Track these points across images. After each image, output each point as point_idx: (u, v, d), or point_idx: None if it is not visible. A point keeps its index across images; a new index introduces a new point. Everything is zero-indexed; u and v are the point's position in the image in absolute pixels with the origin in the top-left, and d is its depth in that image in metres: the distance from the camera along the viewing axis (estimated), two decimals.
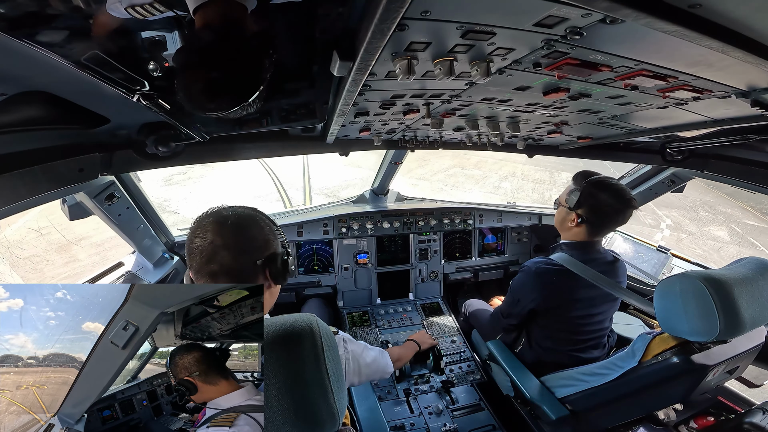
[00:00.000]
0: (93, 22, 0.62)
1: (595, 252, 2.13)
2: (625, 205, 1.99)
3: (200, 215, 1.19)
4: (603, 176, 2.09)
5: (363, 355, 1.55)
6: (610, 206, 2.00)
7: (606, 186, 2.03)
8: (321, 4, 0.72)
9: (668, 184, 2.65)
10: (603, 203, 2.00)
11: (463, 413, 2.42)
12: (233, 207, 1.23)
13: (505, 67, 0.98)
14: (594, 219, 2.06)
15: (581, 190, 2.05)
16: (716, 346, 1.59)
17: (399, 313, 3.37)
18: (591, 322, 2.11)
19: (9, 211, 1.24)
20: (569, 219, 2.13)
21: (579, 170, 2.21)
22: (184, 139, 1.48)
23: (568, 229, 2.18)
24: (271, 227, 1.26)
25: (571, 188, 2.15)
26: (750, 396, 2.06)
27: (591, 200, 2.03)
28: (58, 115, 1.07)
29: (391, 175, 3.38)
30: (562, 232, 2.24)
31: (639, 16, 0.56)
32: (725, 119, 1.35)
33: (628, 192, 2.02)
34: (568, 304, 2.06)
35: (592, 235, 2.11)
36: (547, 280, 2.05)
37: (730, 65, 0.83)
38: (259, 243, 1.18)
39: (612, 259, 2.17)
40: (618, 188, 2.02)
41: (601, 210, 2.02)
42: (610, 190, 2.01)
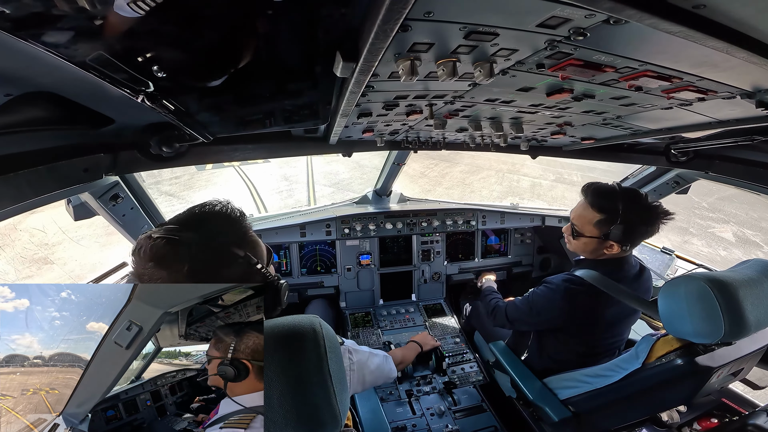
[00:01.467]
0: (98, 23, 0.62)
1: (628, 266, 1.99)
2: (657, 218, 1.84)
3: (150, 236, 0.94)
4: (636, 192, 1.89)
5: (367, 363, 1.54)
6: (645, 226, 1.84)
7: (643, 207, 1.83)
8: (324, 5, 0.72)
9: (673, 186, 2.64)
10: (640, 223, 1.84)
11: (465, 414, 2.42)
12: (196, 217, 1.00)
13: (508, 68, 0.98)
14: (629, 240, 1.89)
15: (625, 224, 1.82)
16: (721, 348, 1.58)
17: (401, 314, 3.37)
18: (612, 333, 2.08)
19: (14, 211, 1.25)
20: (604, 247, 1.91)
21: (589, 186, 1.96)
22: (188, 139, 1.49)
23: (600, 255, 1.98)
24: (255, 246, 1.05)
25: (602, 218, 1.88)
26: (754, 398, 2.04)
27: (627, 224, 1.82)
28: (63, 116, 1.08)
29: (394, 176, 3.39)
30: (594, 257, 2.02)
31: (643, 17, 0.55)
32: (730, 120, 1.34)
33: (660, 206, 1.86)
34: (594, 321, 1.99)
35: (625, 251, 1.94)
36: (576, 301, 1.93)
37: (734, 66, 0.83)
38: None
39: (638, 268, 2.05)
40: (651, 206, 1.84)
41: (638, 231, 1.86)
42: (648, 212, 1.83)
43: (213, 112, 1.22)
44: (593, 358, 2.06)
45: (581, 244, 2.00)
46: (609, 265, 1.95)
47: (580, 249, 2.05)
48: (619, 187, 1.92)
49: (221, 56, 0.84)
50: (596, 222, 1.90)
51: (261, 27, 0.75)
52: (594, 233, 1.91)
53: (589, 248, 1.98)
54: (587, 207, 1.94)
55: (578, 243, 2.02)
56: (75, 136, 1.31)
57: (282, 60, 0.93)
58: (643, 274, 2.05)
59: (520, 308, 2.20)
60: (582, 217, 1.96)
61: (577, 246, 2.04)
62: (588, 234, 1.94)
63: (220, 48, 0.80)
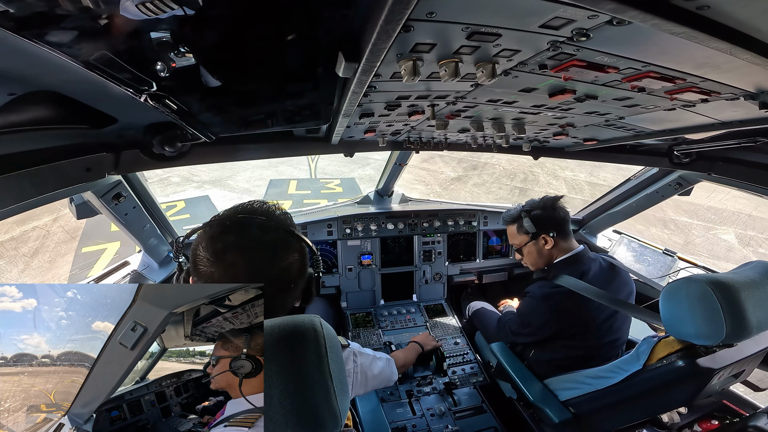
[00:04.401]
0: (102, 23, 0.63)
1: (587, 261, 2.19)
2: (557, 199, 2.30)
3: (213, 224, 0.98)
4: (534, 200, 2.36)
5: (371, 367, 1.53)
6: (560, 208, 2.25)
7: (541, 200, 2.31)
8: (326, 6, 0.72)
9: (675, 187, 2.64)
10: (557, 209, 2.26)
11: (465, 415, 2.42)
12: (250, 214, 1.00)
13: (510, 69, 0.98)
14: (558, 227, 2.21)
15: (529, 216, 2.25)
16: (722, 350, 1.58)
17: (402, 314, 3.36)
18: (609, 332, 2.10)
19: (17, 210, 1.25)
20: (542, 244, 2.25)
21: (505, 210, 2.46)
22: (191, 139, 1.49)
23: (549, 255, 2.26)
24: (302, 240, 1.05)
25: (518, 225, 2.33)
26: (755, 400, 2.04)
27: (543, 216, 2.24)
28: (66, 115, 1.08)
29: (396, 176, 3.39)
30: (547, 260, 2.30)
31: (646, 18, 0.55)
32: (733, 121, 1.34)
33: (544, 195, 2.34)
34: (585, 322, 2.04)
35: (570, 242, 2.24)
36: (555, 303, 2.07)
37: (738, 67, 0.82)
38: (294, 273, 1.01)
39: (608, 264, 2.21)
40: (546, 197, 2.32)
41: (556, 216, 2.23)
42: (545, 200, 2.30)
43: (215, 112, 1.22)
44: (595, 361, 2.06)
45: (527, 255, 2.35)
46: (571, 263, 2.18)
47: (532, 261, 2.35)
48: (520, 205, 2.40)
49: (223, 56, 0.84)
50: (517, 231, 2.33)
51: (263, 27, 0.75)
52: (524, 240, 2.30)
53: (534, 253, 2.31)
54: (509, 230, 2.42)
55: (526, 256, 2.37)
56: (78, 135, 1.32)
57: (284, 60, 0.93)
58: (616, 268, 2.23)
59: (515, 321, 2.32)
60: (511, 237, 2.41)
61: (528, 259, 2.37)
62: (521, 243, 2.33)
63: (222, 48, 0.80)
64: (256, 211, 1.01)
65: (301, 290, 1.06)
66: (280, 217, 1.03)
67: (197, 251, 0.96)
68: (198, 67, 0.86)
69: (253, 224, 0.97)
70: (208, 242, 0.95)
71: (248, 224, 0.97)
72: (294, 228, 1.04)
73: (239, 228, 0.96)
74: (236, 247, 0.93)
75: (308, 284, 1.07)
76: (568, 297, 2.03)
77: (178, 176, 11.75)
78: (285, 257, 0.99)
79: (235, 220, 0.98)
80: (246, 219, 0.98)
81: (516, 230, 2.33)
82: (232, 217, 0.99)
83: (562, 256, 2.23)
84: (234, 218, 0.98)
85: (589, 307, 2.01)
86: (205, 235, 0.97)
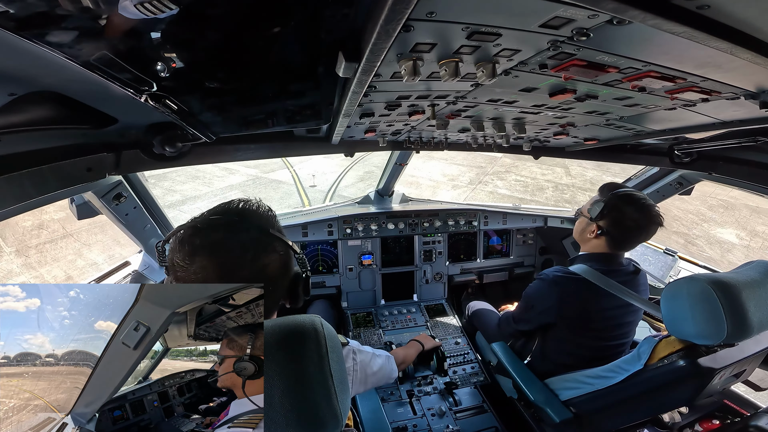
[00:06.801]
0: (102, 23, 0.63)
1: (617, 264, 2.07)
2: (650, 221, 1.92)
3: (185, 227, 0.96)
4: (631, 190, 2.03)
5: (371, 364, 1.53)
6: (634, 221, 1.94)
7: (632, 200, 1.96)
8: (327, 5, 0.72)
9: (676, 187, 2.64)
10: (627, 217, 1.95)
11: (466, 415, 2.42)
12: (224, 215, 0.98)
13: (510, 69, 0.97)
14: (616, 232, 2.00)
15: (606, 202, 2.00)
16: (723, 350, 1.58)
17: (403, 314, 3.37)
18: (615, 335, 2.06)
19: (17, 210, 1.26)
20: (589, 230, 2.09)
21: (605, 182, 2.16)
22: (191, 139, 1.49)
23: (587, 241, 2.13)
24: (283, 239, 1.03)
25: (595, 199, 2.09)
26: (756, 399, 2.04)
27: (614, 213, 1.98)
28: (66, 115, 1.08)
29: (396, 176, 3.39)
30: (582, 243, 2.19)
31: (646, 17, 0.55)
32: (734, 121, 1.34)
33: (655, 208, 1.94)
34: (588, 316, 1.99)
35: (614, 248, 2.05)
36: (564, 289, 2.01)
37: (738, 67, 0.82)
38: (272, 273, 0.98)
39: (633, 269, 2.11)
40: (645, 204, 1.94)
41: (624, 224, 1.96)
42: (637, 204, 1.94)
43: (216, 112, 1.22)
44: (598, 362, 2.03)
45: (578, 224, 2.21)
46: (598, 260, 2.07)
47: (577, 231, 2.23)
48: (621, 185, 2.12)
49: (224, 56, 0.84)
50: (592, 203, 2.10)
51: (264, 27, 0.75)
52: (585, 213, 2.14)
53: (579, 228, 2.18)
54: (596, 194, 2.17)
55: (578, 223, 2.22)
56: (78, 135, 1.32)
57: (284, 60, 0.93)
58: (639, 273, 2.12)
59: (519, 306, 2.28)
60: (588, 201, 2.18)
61: (576, 226, 2.23)
62: (584, 213, 2.16)
63: (223, 48, 0.80)
64: (229, 211, 0.99)
65: (286, 290, 1.03)
66: (256, 217, 1.01)
67: (172, 255, 0.94)
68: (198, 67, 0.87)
69: (224, 225, 0.95)
70: (179, 246, 0.93)
71: (218, 226, 0.95)
72: (272, 227, 1.01)
73: (208, 230, 0.94)
74: (204, 248, 0.91)
75: (293, 284, 1.05)
76: (577, 285, 1.98)
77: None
78: (259, 258, 0.95)
79: (207, 222, 0.95)
80: (216, 220, 0.96)
81: (591, 201, 2.14)
82: (204, 219, 0.96)
83: (594, 251, 2.11)
84: (206, 220, 0.96)
85: (594, 299, 1.97)
86: (177, 238, 0.95)
